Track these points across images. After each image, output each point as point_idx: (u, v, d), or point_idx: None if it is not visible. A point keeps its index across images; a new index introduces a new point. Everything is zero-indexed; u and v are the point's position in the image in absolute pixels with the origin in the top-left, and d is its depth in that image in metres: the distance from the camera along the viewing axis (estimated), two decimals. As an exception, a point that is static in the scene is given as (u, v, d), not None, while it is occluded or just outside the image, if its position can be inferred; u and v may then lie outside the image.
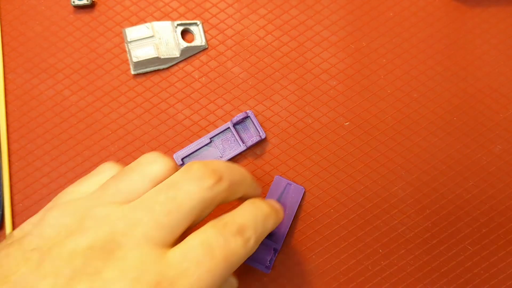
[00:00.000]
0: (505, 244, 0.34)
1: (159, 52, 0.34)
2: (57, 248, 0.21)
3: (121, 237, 0.21)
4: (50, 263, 0.20)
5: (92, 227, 0.21)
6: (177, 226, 0.22)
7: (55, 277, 0.20)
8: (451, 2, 0.36)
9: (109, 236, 0.21)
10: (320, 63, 0.35)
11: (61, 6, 0.36)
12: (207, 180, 0.23)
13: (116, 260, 0.20)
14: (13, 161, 0.34)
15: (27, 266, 0.20)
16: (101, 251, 0.20)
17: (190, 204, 0.22)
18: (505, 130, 0.35)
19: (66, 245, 0.21)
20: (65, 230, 0.21)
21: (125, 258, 0.20)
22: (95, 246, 0.21)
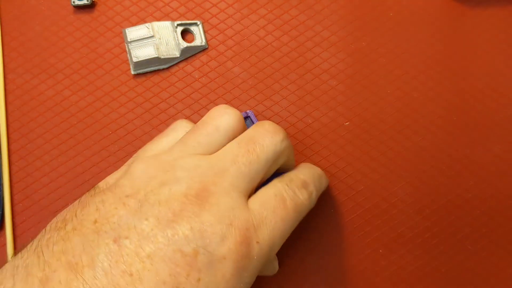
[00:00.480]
0: (505, 244, 0.34)
1: (159, 52, 0.34)
2: (153, 196, 0.22)
3: (211, 185, 0.23)
4: (149, 207, 0.22)
5: (184, 177, 0.23)
6: (257, 176, 0.24)
7: (156, 219, 0.21)
8: (451, 2, 0.36)
9: (201, 184, 0.23)
10: (320, 63, 0.35)
11: (61, 6, 0.36)
12: (278, 135, 0.26)
13: (211, 206, 0.22)
14: (13, 161, 0.34)
15: (125, 209, 0.22)
16: (195, 198, 0.22)
17: (266, 156, 0.25)
18: (505, 130, 0.35)
19: (162, 193, 0.22)
20: (156, 181, 0.23)
21: (218, 204, 0.22)
22: (190, 193, 0.22)
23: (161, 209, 0.22)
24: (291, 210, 0.24)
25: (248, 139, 0.25)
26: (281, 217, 0.24)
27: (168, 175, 0.23)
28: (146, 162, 0.24)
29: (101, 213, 0.22)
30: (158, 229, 0.21)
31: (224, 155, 0.24)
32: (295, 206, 0.25)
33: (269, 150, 0.25)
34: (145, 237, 0.21)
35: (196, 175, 0.24)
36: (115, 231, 0.21)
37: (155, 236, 0.21)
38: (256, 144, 0.25)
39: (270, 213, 0.23)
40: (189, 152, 0.25)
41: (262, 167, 0.25)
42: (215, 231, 0.22)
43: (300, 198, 0.25)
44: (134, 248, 0.21)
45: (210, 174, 0.24)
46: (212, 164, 0.24)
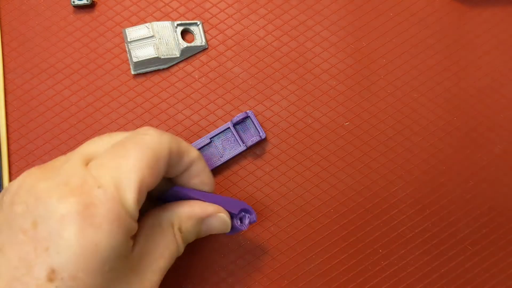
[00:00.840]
0: (505, 244, 0.34)
1: (159, 52, 0.34)
2: (7, 191, 0.24)
3: (58, 161, 0.24)
4: (1, 203, 0.23)
5: (40, 166, 0.25)
6: (106, 145, 0.25)
7: (1, 208, 0.23)
8: (451, 2, 0.36)
9: (49, 162, 0.24)
10: (320, 63, 0.35)
11: (61, 6, 0.36)
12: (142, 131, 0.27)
13: (49, 174, 0.23)
14: (13, 161, 0.34)
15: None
16: (38, 171, 0.23)
17: (120, 133, 0.26)
18: (505, 130, 0.35)
19: (13, 184, 0.24)
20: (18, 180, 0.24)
21: (58, 172, 0.23)
22: (33, 171, 0.23)
23: (6, 196, 0.23)
24: (131, 146, 0.24)
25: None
26: (122, 155, 0.23)
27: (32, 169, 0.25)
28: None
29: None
30: (3, 217, 0.22)
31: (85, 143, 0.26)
32: (135, 141, 0.24)
33: (124, 132, 0.26)
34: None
35: (52, 161, 0.25)
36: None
37: (1, 225, 0.22)
38: (105, 135, 0.27)
39: (110, 158, 0.24)
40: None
41: (113, 139, 0.25)
42: (50, 195, 0.21)
43: (142, 133, 0.25)
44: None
45: (65, 156, 0.25)
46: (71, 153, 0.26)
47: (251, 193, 0.34)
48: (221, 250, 0.33)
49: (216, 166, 0.33)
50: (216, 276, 0.33)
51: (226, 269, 0.33)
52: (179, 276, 0.33)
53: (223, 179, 0.34)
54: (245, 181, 0.34)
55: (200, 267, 0.33)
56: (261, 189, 0.34)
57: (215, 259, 0.33)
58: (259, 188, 0.34)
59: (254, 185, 0.34)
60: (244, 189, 0.34)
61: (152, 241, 0.25)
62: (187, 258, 0.33)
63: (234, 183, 0.34)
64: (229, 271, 0.33)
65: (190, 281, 0.33)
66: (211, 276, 0.33)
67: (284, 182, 0.34)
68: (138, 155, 0.24)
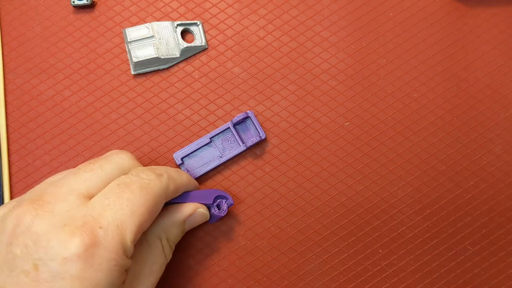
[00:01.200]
0: (505, 244, 0.34)
1: (159, 52, 0.34)
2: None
3: (48, 195, 0.24)
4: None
5: (27, 198, 0.25)
6: (98, 179, 0.26)
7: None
8: (452, 3, 0.36)
9: (38, 194, 0.24)
10: (320, 64, 0.35)
11: (61, 6, 0.36)
12: (125, 154, 0.28)
13: (44, 213, 0.23)
14: (13, 161, 0.34)
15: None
16: (31, 207, 0.23)
17: (110, 166, 0.27)
18: (505, 131, 0.35)
19: (3, 219, 0.24)
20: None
21: (53, 210, 0.23)
22: (24, 207, 0.23)
23: (2, 236, 0.23)
24: (137, 190, 0.25)
25: (96, 158, 0.28)
26: (127, 198, 0.24)
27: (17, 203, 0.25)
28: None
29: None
30: (1, 257, 0.23)
31: (68, 173, 0.26)
32: (141, 186, 0.25)
33: (113, 161, 0.27)
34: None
35: (36, 190, 0.25)
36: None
37: (1, 265, 0.22)
38: (101, 158, 0.27)
39: (114, 199, 0.24)
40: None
41: (105, 173, 0.26)
42: (49, 237, 0.22)
43: (146, 178, 0.26)
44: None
45: (52, 187, 0.25)
46: (58, 177, 0.26)
47: (251, 193, 0.34)
48: (221, 250, 0.33)
49: (216, 166, 0.33)
50: (217, 277, 0.33)
51: (226, 270, 0.33)
52: (180, 278, 0.33)
53: (223, 179, 0.34)
54: (245, 181, 0.34)
55: (200, 268, 0.33)
56: (261, 189, 0.34)
57: (215, 259, 0.33)
58: (259, 188, 0.34)
59: (254, 185, 0.34)
60: (244, 189, 0.34)
61: (142, 261, 0.27)
62: (187, 260, 0.33)
63: (234, 183, 0.34)
64: (229, 271, 0.33)
65: (190, 281, 0.33)
66: (211, 277, 0.33)
67: (284, 182, 0.34)
68: (142, 200, 0.25)
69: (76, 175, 0.26)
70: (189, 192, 0.30)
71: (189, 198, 0.30)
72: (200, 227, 0.33)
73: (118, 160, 0.27)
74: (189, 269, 0.33)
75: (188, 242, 0.33)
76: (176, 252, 0.33)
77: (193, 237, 0.33)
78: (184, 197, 0.30)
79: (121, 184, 0.25)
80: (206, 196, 0.30)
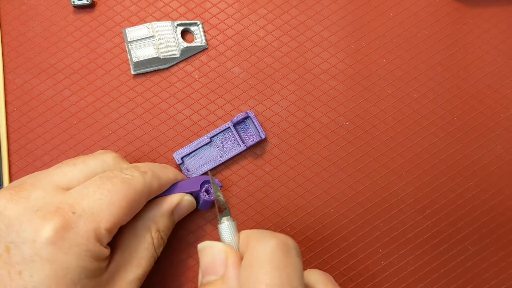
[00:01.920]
0: (506, 244, 0.34)
1: (159, 52, 0.34)
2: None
3: (28, 184, 0.25)
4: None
5: (9, 185, 0.25)
6: (80, 173, 0.26)
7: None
8: (452, 2, 0.36)
9: (19, 183, 0.25)
10: (320, 63, 0.35)
11: (61, 6, 0.36)
12: (109, 153, 0.29)
13: (19, 199, 0.24)
14: (13, 161, 0.34)
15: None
16: (8, 192, 0.24)
17: (94, 161, 0.27)
18: (505, 130, 0.35)
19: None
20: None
21: (28, 196, 0.24)
22: (3, 192, 0.24)
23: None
24: (118, 183, 0.25)
25: (82, 155, 0.28)
26: (107, 189, 0.25)
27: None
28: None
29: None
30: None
31: (55, 165, 0.27)
32: (123, 180, 0.25)
33: (97, 158, 0.27)
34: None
35: (19, 181, 0.26)
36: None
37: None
38: (85, 156, 0.28)
39: (94, 189, 0.25)
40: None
41: (88, 167, 0.26)
42: (22, 221, 0.23)
43: (129, 174, 0.26)
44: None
45: (33, 178, 0.25)
46: (40, 172, 0.26)
47: (251, 193, 0.34)
48: (221, 250, 0.33)
49: (216, 165, 0.33)
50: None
51: (226, 269, 0.33)
52: (180, 276, 0.33)
53: (223, 179, 0.34)
54: (245, 181, 0.34)
55: (194, 263, 0.33)
56: (261, 188, 0.34)
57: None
58: (259, 188, 0.34)
59: (254, 185, 0.34)
60: (244, 189, 0.34)
61: (129, 252, 0.27)
62: (187, 260, 0.33)
63: (234, 183, 0.34)
64: (229, 271, 0.33)
65: (190, 281, 0.33)
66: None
67: (284, 182, 0.34)
68: (122, 193, 0.25)
69: (58, 168, 0.26)
70: (175, 184, 0.30)
71: (176, 189, 0.30)
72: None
73: (102, 158, 0.28)
74: (189, 270, 0.33)
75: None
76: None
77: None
78: (171, 189, 0.30)
79: (103, 177, 0.26)
80: (193, 184, 0.30)
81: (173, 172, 0.30)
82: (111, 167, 0.28)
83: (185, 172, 0.33)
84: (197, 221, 0.33)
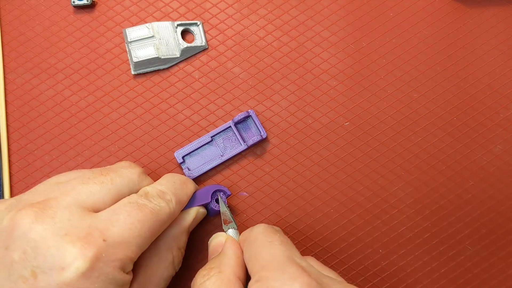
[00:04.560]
0: (505, 244, 0.34)
1: (160, 52, 0.34)
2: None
3: (52, 201, 0.24)
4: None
5: (28, 199, 0.25)
6: (108, 194, 0.26)
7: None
8: (452, 3, 0.36)
9: (42, 199, 0.24)
10: (320, 64, 0.35)
11: (61, 6, 0.36)
12: (134, 168, 0.28)
13: (44, 219, 0.23)
14: (13, 161, 0.34)
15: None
16: (31, 210, 0.23)
17: (121, 180, 0.27)
18: (505, 131, 0.35)
19: (4, 219, 0.24)
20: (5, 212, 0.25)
21: (54, 217, 0.23)
22: (26, 210, 0.23)
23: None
24: (148, 213, 0.25)
25: (105, 168, 0.28)
26: (138, 219, 0.25)
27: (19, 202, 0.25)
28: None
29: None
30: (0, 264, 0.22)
31: (80, 176, 0.26)
32: (152, 210, 0.26)
33: (123, 175, 0.27)
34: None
35: (43, 188, 0.25)
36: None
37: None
38: (111, 171, 0.27)
39: (125, 216, 0.24)
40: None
41: (115, 187, 0.26)
42: (49, 245, 0.22)
43: (158, 204, 0.26)
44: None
45: (56, 192, 0.25)
46: (64, 179, 0.26)
47: (251, 193, 0.34)
48: (221, 250, 0.33)
49: (217, 164, 0.33)
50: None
51: (226, 269, 0.33)
52: (182, 277, 0.33)
53: (223, 179, 0.34)
54: (246, 181, 0.34)
55: (200, 267, 0.33)
56: (262, 189, 0.34)
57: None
58: (259, 188, 0.34)
59: (255, 185, 0.34)
60: (244, 189, 0.34)
61: (150, 273, 0.27)
62: (190, 262, 0.33)
63: (235, 183, 0.34)
64: (229, 271, 0.33)
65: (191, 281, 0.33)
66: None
67: (284, 182, 0.34)
68: (151, 224, 0.25)
69: (85, 185, 0.25)
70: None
71: (189, 203, 0.30)
72: (202, 227, 0.33)
73: (128, 175, 0.27)
74: (192, 271, 0.33)
75: (189, 242, 0.33)
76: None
77: (194, 237, 0.33)
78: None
79: (133, 203, 0.25)
80: (204, 196, 0.31)
81: (192, 187, 0.31)
82: (136, 186, 0.28)
83: (186, 171, 0.33)
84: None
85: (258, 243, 0.25)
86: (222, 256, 0.26)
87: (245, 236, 0.27)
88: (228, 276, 0.24)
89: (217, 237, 0.28)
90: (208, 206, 0.31)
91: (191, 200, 0.30)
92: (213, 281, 0.24)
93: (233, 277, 0.24)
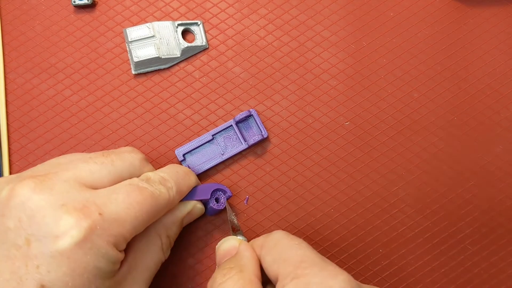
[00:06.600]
0: (505, 244, 0.34)
1: (160, 52, 0.34)
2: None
3: (52, 174, 0.24)
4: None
5: (29, 171, 0.25)
6: (108, 175, 0.26)
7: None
8: (452, 2, 0.36)
9: (43, 173, 0.24)
10: (320, 63, 0.35)
11: (61, 6, 0.36)
12: (136, 153, 0.29)
13: (42, 190, 0.23)
14: (13, 161, 0.34)
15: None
16: (31, 181, 0.23)
17: (122, 163, 0.27)
18: (505, 130, 0.35)
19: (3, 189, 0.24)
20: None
21: (52, 188, 0.23)
22: (25, 180, 0.23)
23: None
24: (148, 196, 0.25)
25: (108, 150, 0.28)
26: (137, 200, 0.25)
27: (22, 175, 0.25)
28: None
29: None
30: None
31: (81, 157, 0.26)
32: (151, 194, 0.26)
33: (125, 159, 0.27)
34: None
35: (43, 167, 0.25)
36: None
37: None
38: (113, 153, 0.27)
39: (124, 195, 0.25)
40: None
41: (116, 169, 0.26)
42: (45, 214, 0.22)
43: (157, 189, 0.26)
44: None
45: (57, 167, 0.25)
46: (64, 160, 0.26)
47: (251, 193, 0.34)
48: (222, 249, 0.33)
49: (218, 163, 0.33)
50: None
51: (227, 268, 0.33)
52: (183, 277, 0.33)
53: (223, 179, 0.34)
54: (246, 181, 0.34)
55: (203, 268, 0.33)
56: (262, 188, 0.34)
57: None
58: (259, 188, 0.34)
59: (255, 184, 0.34)
60: (245, 189, 0.34)
61: (140, 256, 0.27)
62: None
63: (235, 182, 0.34)
64: (230, 270, 0.33)
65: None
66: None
67: (285, 182, 0.34)
68: (148, 208, 0.25)
69: (85, 163, 0.26)
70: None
71: (188, 196, 0.30)
72: (201, 226, 0.33)
73: (130, 160, 0.28)
74: (192, 269, 0.33)
75: (189, 242, 0.33)
76: (177, 251, 0.33)
77: (194, 237, 0.33)
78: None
79: (134, 185, 0.26)
80: (204, 192, 0.31)
81: (194, 180, 0.31)
82: (137, 171, 0.28)
83: None
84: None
85: (284, 246, 0.25)
86: (239, 257, 0.26)
87: (260, 242, 0.27)
88: (250, 275, 0.24)
89: (230, 240, 0.28)
90: (207, 205, 0.31)
91: (191, 194, 0.30)
92: (235, 279, 0.24)
93: (254, 277, 0.24)
